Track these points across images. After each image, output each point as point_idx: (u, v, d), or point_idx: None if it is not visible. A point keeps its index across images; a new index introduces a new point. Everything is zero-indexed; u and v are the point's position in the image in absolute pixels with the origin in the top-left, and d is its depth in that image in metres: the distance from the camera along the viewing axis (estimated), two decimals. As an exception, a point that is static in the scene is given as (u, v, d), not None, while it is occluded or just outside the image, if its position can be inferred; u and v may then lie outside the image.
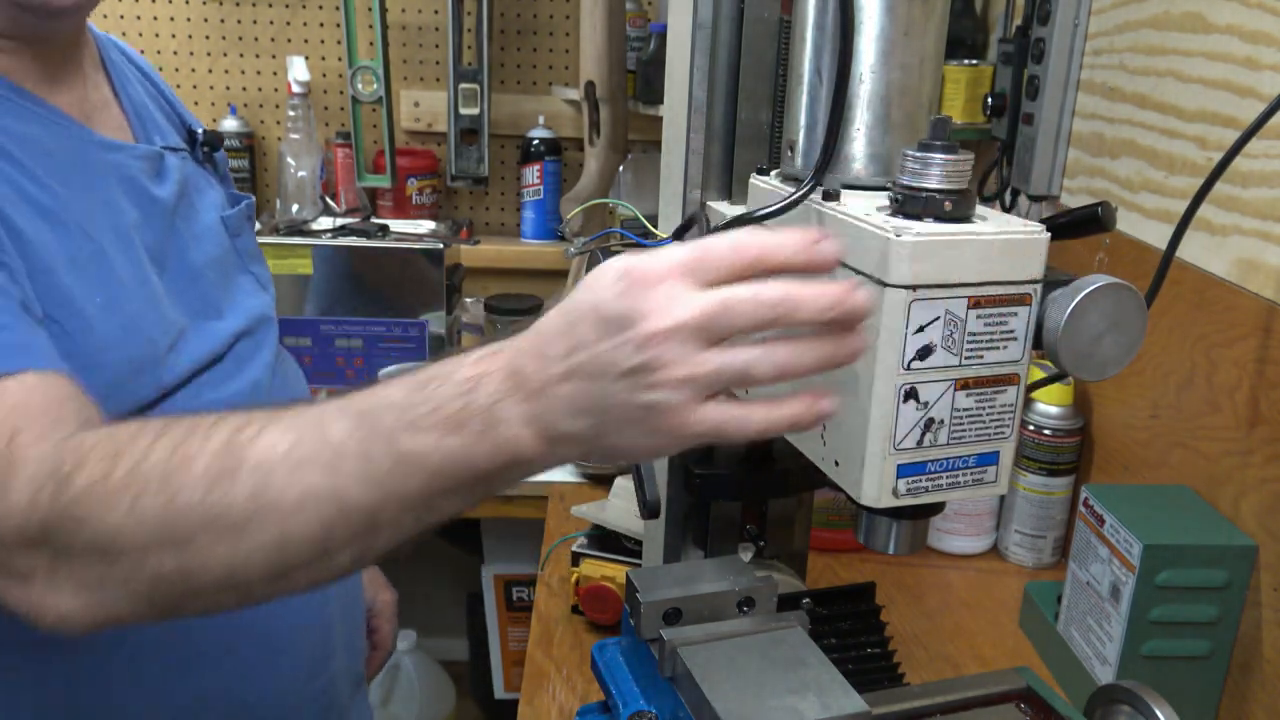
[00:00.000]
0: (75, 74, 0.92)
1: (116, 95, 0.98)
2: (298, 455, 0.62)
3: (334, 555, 0.63)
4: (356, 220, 1.96)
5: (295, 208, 2.07)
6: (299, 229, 1.86)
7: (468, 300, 2.17)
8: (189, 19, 2.22)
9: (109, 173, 0.89)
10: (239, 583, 0.64)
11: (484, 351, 0.64)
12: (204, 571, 0.63)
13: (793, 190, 0.71)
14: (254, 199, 1.13)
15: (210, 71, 2.25)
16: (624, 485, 1.29)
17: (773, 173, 0.81)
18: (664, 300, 0.58)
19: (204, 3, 2.21)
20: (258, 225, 1.90)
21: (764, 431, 0.60)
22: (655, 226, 0.93)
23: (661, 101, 0.91)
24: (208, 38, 2.23)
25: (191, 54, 2.24)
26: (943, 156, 0.65)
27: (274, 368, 1.01)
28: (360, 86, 2.06)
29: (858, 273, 0.66)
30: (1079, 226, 0.81)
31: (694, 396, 0.58)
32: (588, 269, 0.91)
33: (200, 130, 1.06)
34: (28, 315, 0.74)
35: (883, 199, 0.69)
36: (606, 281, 0.60)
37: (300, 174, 2.07)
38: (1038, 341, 0.68)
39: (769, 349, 0.59)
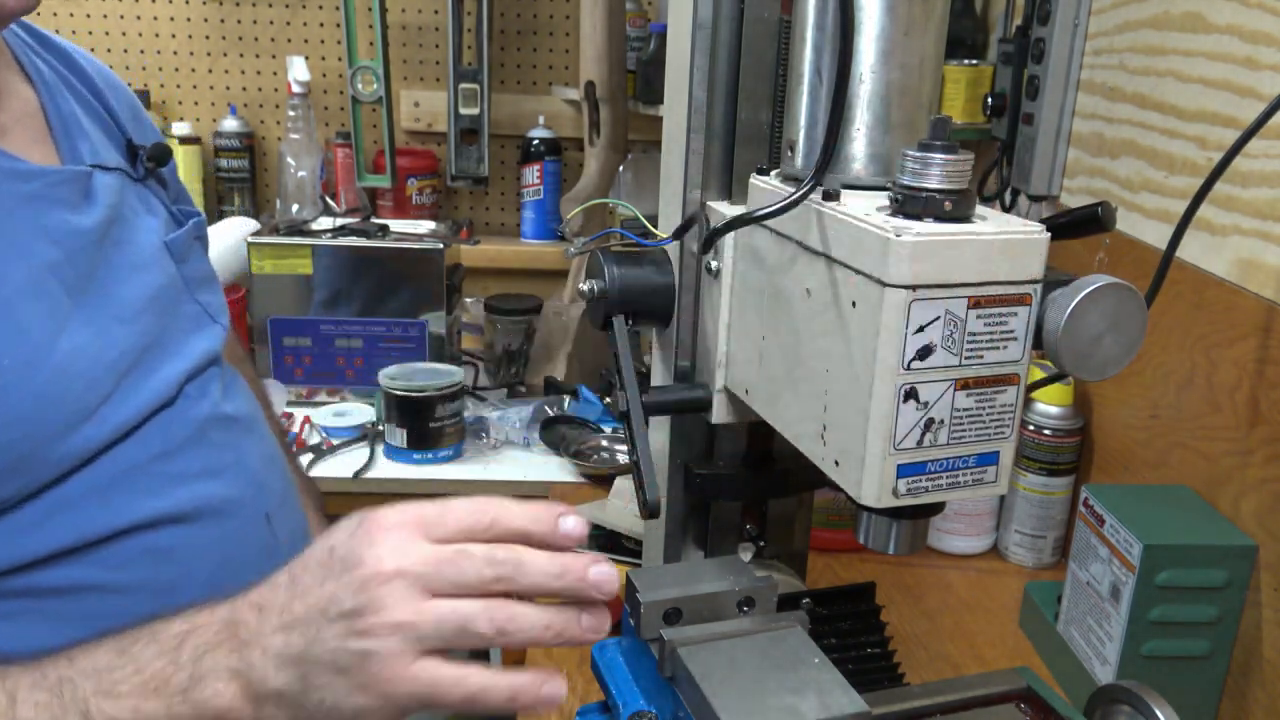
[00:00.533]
0: None
1: (43, 106, 0.86)
2: None
3: None
4: (356, 220, 1.96)
5: (295, 208, 2.07)
6: (299, 229, 1.86)
7: (468, 300, 2.17)
8: (189, 19, 2.22)
9: (20, 206, 0.77)
10: None
11: (206, 606, 0.63)
12: None
13: (793, 190, 0.71)
14: (204, 216, 1.01)
15: (210, 71, 2.25)
16: (624, 485, 1.29)
17: (773, 173, 0.81)
18: (392, 547, 0.58)
19: (204, 3, 2.21)
20: (257, 225, 1.91)
21: (478, 697, 0.58)
22: (655, 226, 0.93)
23: (661, 101, 0.91)
24: (208, 38, 2.23)
25: (191, 54, 2.24)
26: (943, 156, 0.65)
27: (223, 403, 0.90)
28: (360, 86, 2.06)
29: (858, 272, 0.66)
30: (1079, 226, 0.81)
31: (409, 648, 0.57)
32: (587, 269, 0.91)
33: (146, 144, 0.94)
34: None
35: (883, 199, 0.69)
36: (343, 527, 0.61)
37: (300, 174, 2.07)
38: (1038, 341, 0.68)
39: (490, 605, 0.58)
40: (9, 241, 0.75)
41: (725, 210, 0.85)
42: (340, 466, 1.64)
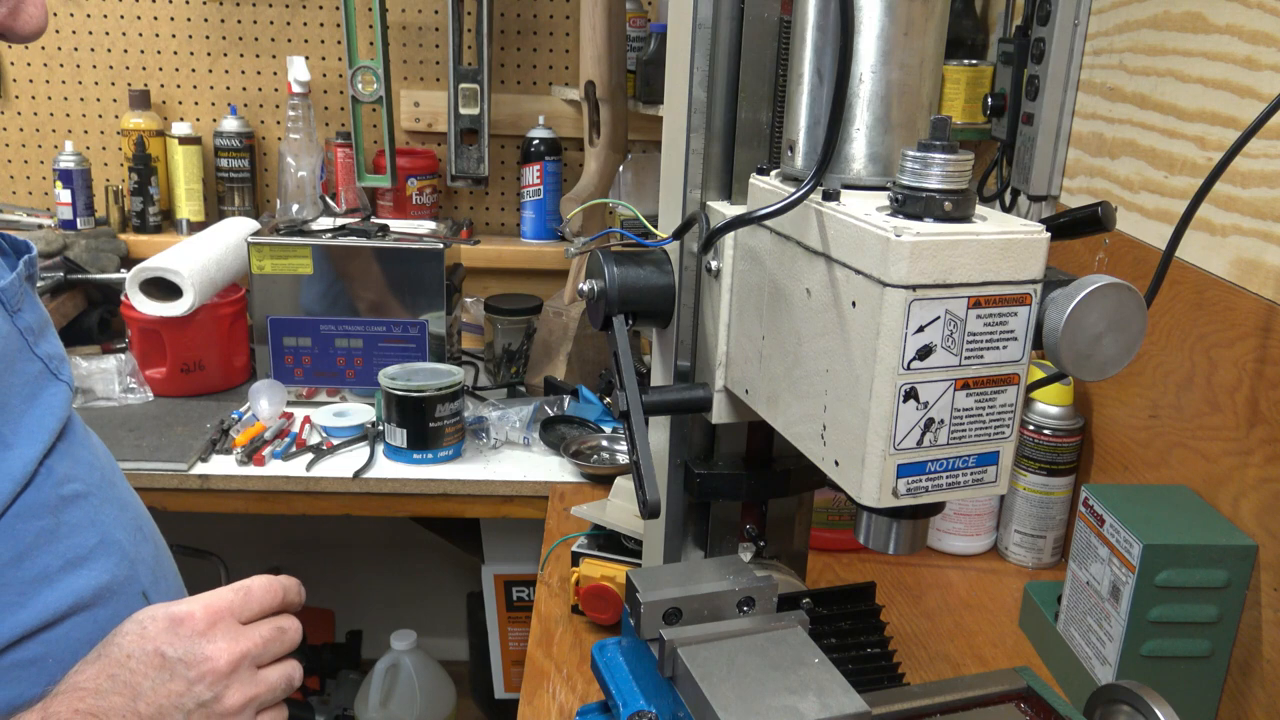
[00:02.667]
0: None
1: None
2: None
3: None
4: (356, 220, 1.96)
5: (295, 208, 2.07)
6: (299, 229, 1.87)
7: (468, 300, 2.17)
8: (189, 19, 2.22)
9: None
10: None
11: (35, 714, 0.66)
12: None
13: (793, 190, 0.71)
14: (35, 251, 0.84)
15: (210, 71, 2.25)
16: (624, 485, 1.29)
17: (773, 173, 0.81)
18: (224, 640, 0.72)
19: (204, 3, 2.21)
20: (257, 225, 1.91)
21: None
22: (655, 226, 0.93)
23: (661, 101, 0.91)
24: (208, 38, 2.23)
25: (191, 54, 2.24)
26: (943, 156, 0.65)
27: (73, 476, 0.80)
28: (360, 86, 2.06)
29: (858, 273, 0.66)
30: (1079, 226, 0.81)
31: (252, 714, 0.74)
32: (587, 269, 0.91)
33: None
34: None
35: (883, 199, 0.69)
36: (158, 629, 0.71)
37: (300, 174, 2.07)
38: (1038, 341, 0.68)
39: (292, 663, 0.78)
40: None
41: (725, 210, 0.85)
42: (340, 466, 1.65)
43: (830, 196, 0.71)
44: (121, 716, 0.68)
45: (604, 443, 1.72)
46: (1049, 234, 0.66)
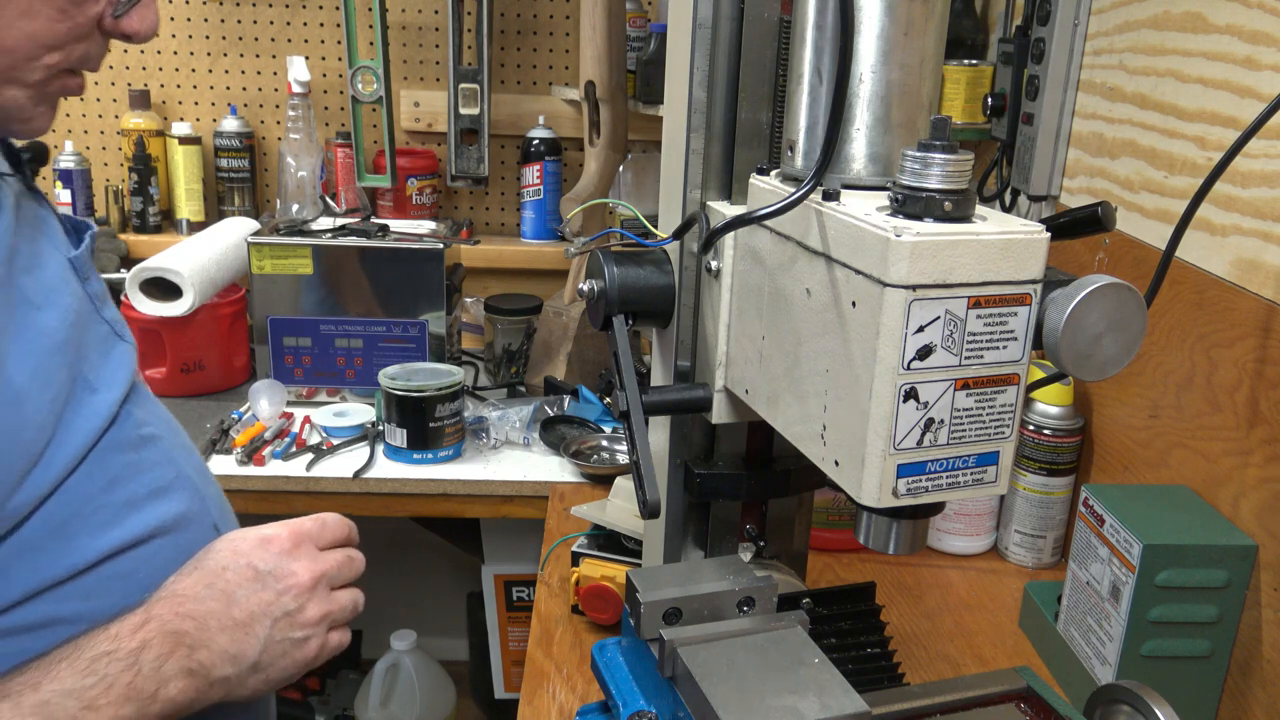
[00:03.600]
0: None
1: None
2: None
3: None
4: (356, 220, 1.96)
5: (295, 208, 2.07)
6: (299, 229, 1.87)
7: (468, 300, 2.17)
8: (189, 19, 2.22)
9: None
10: None
11: (137, 619, 0.76)
12: None
13: (793, 190, 0.71)
14: (96, 228, 0.92)
15: (210, 71, 2.25)
16: (624, 485, 1.29)
17: (773, 173, 0.81)
18: (305, 560, 0.83)
19: (204, 3, 2.21)
20: (257, 225, 1.91)
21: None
22: (655, 226, 0.93)
23: (661, 101, 0.92)
24: (208, 38, 2.23)
25: (191, 54, 2.24)
26: (943, 156, 0.65)
27: (146, 422, 0.87)
28: (360, 86, 2.06)
29: (858, 273, 0.66)
30: (1079, 226, 0.81)
31: (325, 629, 0.84)
32: (587, 269, 0.91)
33: (23, 143, 0.88)
34: None
35: (883, 199, 0.69)
36: (249, 546, 0.82)
37: (300, 174, 2.07)
38: (1038, 341, 0.68)
39: (357, 590, 0.88)
40: None
41: (725, 210, 0.85)
42: (340, 466, 1.65)
43: (830, 196, 0.71)
44: (217, 620, 0.78)
45: (604, 443, 1.72)
46: (1049, 234, 0.66)
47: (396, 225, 1.93)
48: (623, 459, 1.67)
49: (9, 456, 0.72)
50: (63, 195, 2.14)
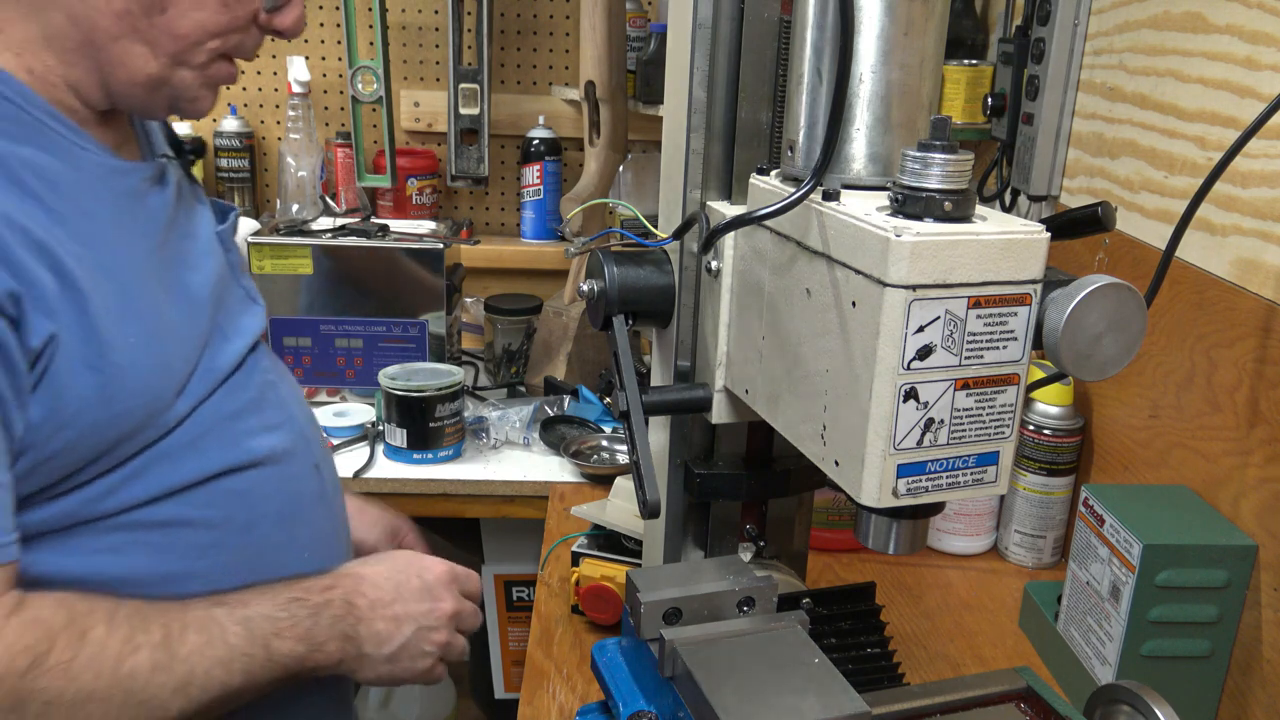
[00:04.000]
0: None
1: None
2: (208, 657, 0.84)
3: (207, 714, 0.85)
4: (356, 220, 1.96)
5: (295, 208, 2.07)
6: (299, 229, 1.86)
7: (468, 300, 2.17)
8: (189, 19, 2.22)
9: (126, 199, 0.88)
10: None
11: (326, 581, 0.93)
12: None
13: (793, 190, 0.71)
14: (239, 210, 1.11)
15: (210, 71, 2.25)
16: (624, 485, 1.29)
17: (773, 173, 0.81)
18: (451, 597, 1.00)
19: (204, 3, 2.21)
20: (257, 225, 1.91)
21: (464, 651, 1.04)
22: (655, 226, 0.93)
23: (661, 101, 0.92)
24: (208, 38, 2.23)
25: (191, 54, 2.24)
26: (943, 156, 0.65)
27: (268, 372, 1.01)
28: (360, 86, 2.06)
29: (858, 273, 0.66)
30: (1079, 226, 0.81)
31: (438, 657, 0.99)
32: (587, 269, 0.91)
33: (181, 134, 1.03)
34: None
35: (883, 199, 0.69)
36: (422, 564, 1.00)
37: (300, 174, 2.07)
38: (1038, 341, 0.68)
39: (466, 642, 1.02)
40: (125, 230, 0.87)
41: (725, 210, 0.85)
42: (340, 466, 1.64)
43: (830, 196, 0.71)
44: (384, 608, 0.95)
45: (604, 443, 1.72)
46: (1049, 234, 0.66)
47: (396, 225, 1.93)
48: (623, 459, 1.67)
49: (165, 381, 0.86)
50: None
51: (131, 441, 0.84)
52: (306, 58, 2.18)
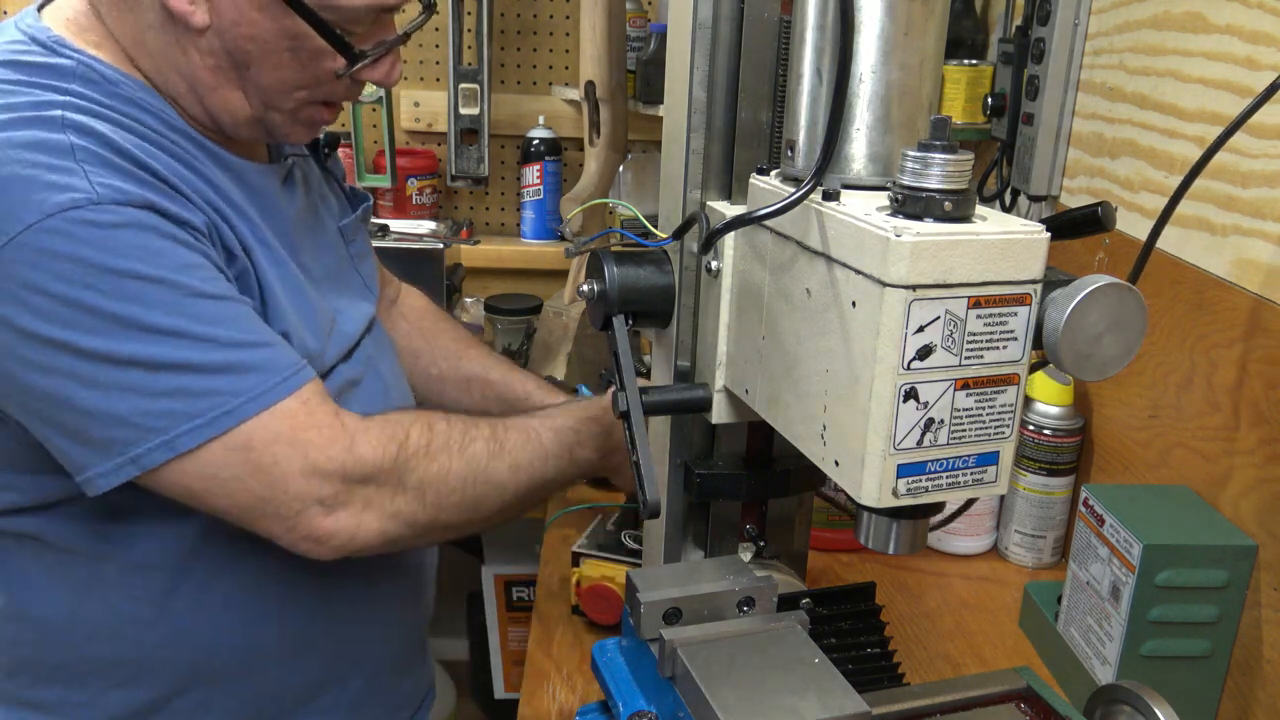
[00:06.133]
0: None
1: None
2: (529, 451, 1.02)
3: (527, 503, 1.05)
4: (356, 220, 1.96)
5: (295, 208, 2.07)
6: (299, 229, 1.86)
7: (468, 300, 2.17)
8: (189, 19, 2.22)
9: (263, 195, 0.99)
10: (482, 520, 1.01)
11: (600, 410, 1.08)
12: (472, 517, 0.99)
13: (793, 190, 0.71)
14: (372, 200, 1.23)
15: (210, 71, 2.25)
16: None
17: (773, 173, 0.81)
18: None
19: (204, 3, 2.21)
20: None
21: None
22: (655, 226, 0.93)
23: (661, 101, 0.92)
24: (208, 38, 2.23)
25: (191, 54, 2.24)
26: (943, 156, 0.65)
27: (374, 357, 1.12)
28: (360, 86, 2.06)
29: (858, 273, 0.66)
30: (1079, 226, 0.81)
31: None
32: (587, 269, 0.91)
33: (322, 134, 1.12)
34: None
35: (883, 199, 0.69)
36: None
37: (300, 174, 2.07)
38: (1038, 341, 0.68)
39: None
40: (276, 222, 0.99)
41: (725, 210, 0.85)
42: (340, 466, 1.64)
43: (830, 196, 0.71)
44: (603, 439, 1.08)
45: (604, 443, 1.72)
46: (1049, 234, 0.66)
47: (396, 225, 1.93)
48: (623, 459, 1.67)
49: (314, 348, 0.98)
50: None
51: None
52: (306, 58, 2.18)
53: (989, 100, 1.52)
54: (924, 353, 0.65)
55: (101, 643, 0.98)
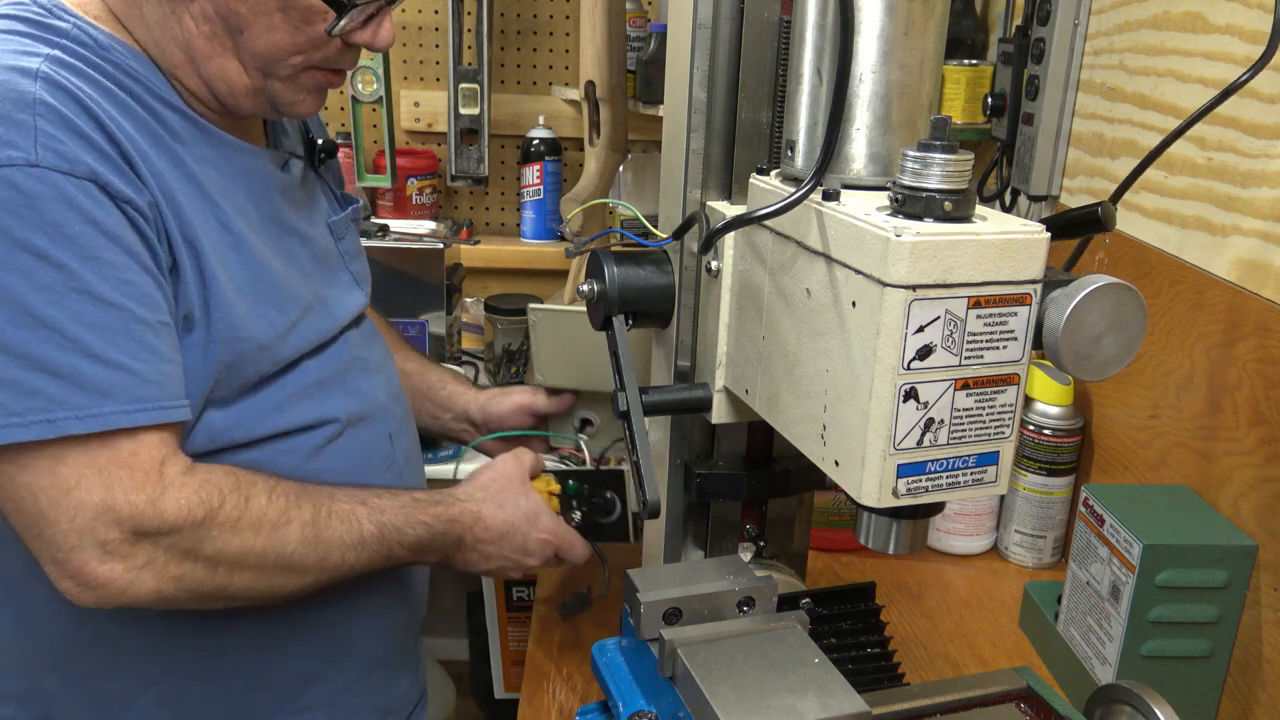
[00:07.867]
0: None
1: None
2: (347, 540, 0.98)
3: (330, 587, 1.00)
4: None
5: (295, 208, 2.07)
6: (299, 229, 1.86)
7: (468, 300, 2.17)
8: (189, 19, 2.22)
9: (249, 175, 1.00)
10: (273, 598, 0.97)
11: (455, 511, 1.06)
12: (266, 593, 0.95)
13: (793, 190, 0.71)
14: (362, 202, 1.24)
15: (210, 71, 2.25)
16: None
17: (773, 173, 0.81)
18: (540, 559, 1.11)
19: (204, 3, 2.21)
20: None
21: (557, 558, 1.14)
22: (655, 226, 0.93)
23: (661, 101, 0.92)
24: (208, 38, 2.23)
25: (191, 54, 2.24)
26: (943, 156, 0.65)
27: (362, 349, 1.13)
28: (360, 86, 2.06)
29: (858, 272, 0.66)
30: (1079, 226, 0.81)
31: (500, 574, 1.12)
32: (587, 269, 0.91)
33: (320, 140, 1.16)
34: (169, 364, 0.90)
35: (883, 199, 0.69)
36: (541, 527, 1.10)
37: (300, 174, 2.07)
38: (1038, 341, 0.68)
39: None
40: (237, 184, 0.98)
41: (725, 210, 0.85)
42: (340, 466, 1.64)
43: (830, 196, 0.71)
44: (486, 544, 1.07)
45: (604, 443, 1.72)
46: (1049, 234, 0.66)
47: (396, 225, 1.93)
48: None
49: (262, 326, 0.96)
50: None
51: (251, 368, 0.96)
52: (306, 58, 2.18)
53: (989, 100, 1.52)
54: (924, 353, 0.65)
55: (59, 624, 0.97)
